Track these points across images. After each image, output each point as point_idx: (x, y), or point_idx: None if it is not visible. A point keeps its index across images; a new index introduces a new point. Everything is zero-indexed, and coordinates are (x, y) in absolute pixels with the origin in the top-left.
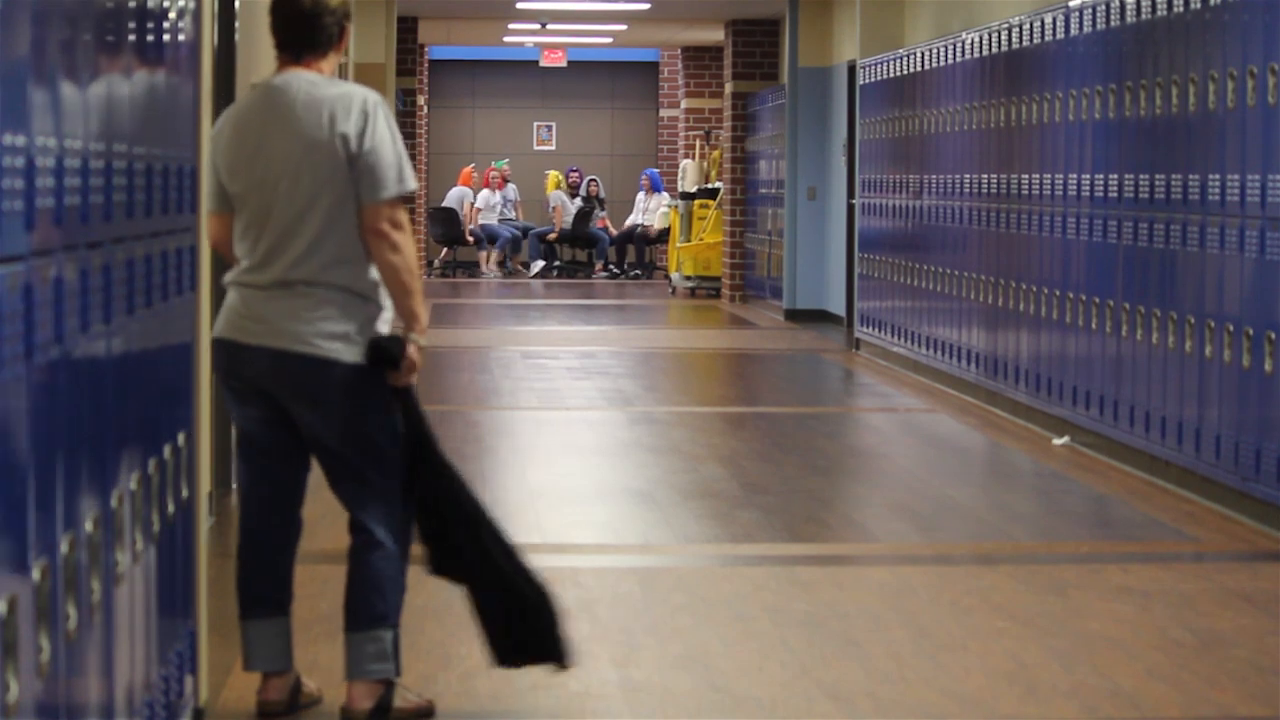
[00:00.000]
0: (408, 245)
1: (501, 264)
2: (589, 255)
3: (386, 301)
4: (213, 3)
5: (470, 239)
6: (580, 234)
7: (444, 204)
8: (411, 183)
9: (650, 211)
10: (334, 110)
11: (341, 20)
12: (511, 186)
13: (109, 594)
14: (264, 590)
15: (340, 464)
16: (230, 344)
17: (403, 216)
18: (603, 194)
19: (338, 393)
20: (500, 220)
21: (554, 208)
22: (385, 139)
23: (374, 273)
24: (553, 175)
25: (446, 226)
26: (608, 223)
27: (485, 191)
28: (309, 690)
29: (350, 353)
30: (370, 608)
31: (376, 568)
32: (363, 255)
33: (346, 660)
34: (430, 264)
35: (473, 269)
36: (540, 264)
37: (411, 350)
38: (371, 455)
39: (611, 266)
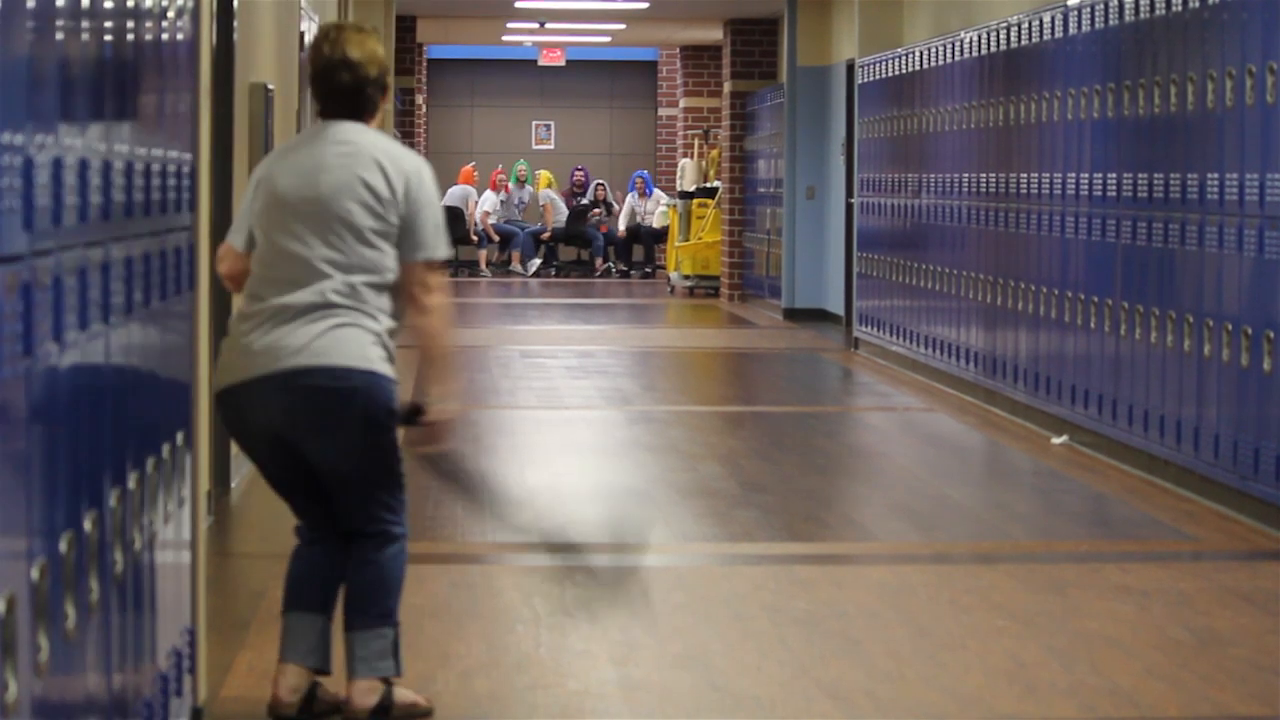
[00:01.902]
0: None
1: (505, 263)
2: (589, 254)
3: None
4: (211, 2)
5: (475, 238)
6: (575, 233)
7: (446, 203)
8: (446, 249)
9: (649, 214)
10: (382, 161)
11: (382, 84)
12: (528, 189)
13: (108, 593)
14: (311, 590)
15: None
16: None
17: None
18: (610, 198)
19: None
20: (506, 221)
21: (544, 206)
22: (432, 201)
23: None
24: (544, 175)
25: (451, 225)
26: (620, 220)
27: (490, 194)
28: (327, 699)
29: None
30: (378, 605)
31: (387, 566)
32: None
33: (350, 658)
34: None
35: (474, 268)
36: (537, 262)
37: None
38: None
39: (610, 265)
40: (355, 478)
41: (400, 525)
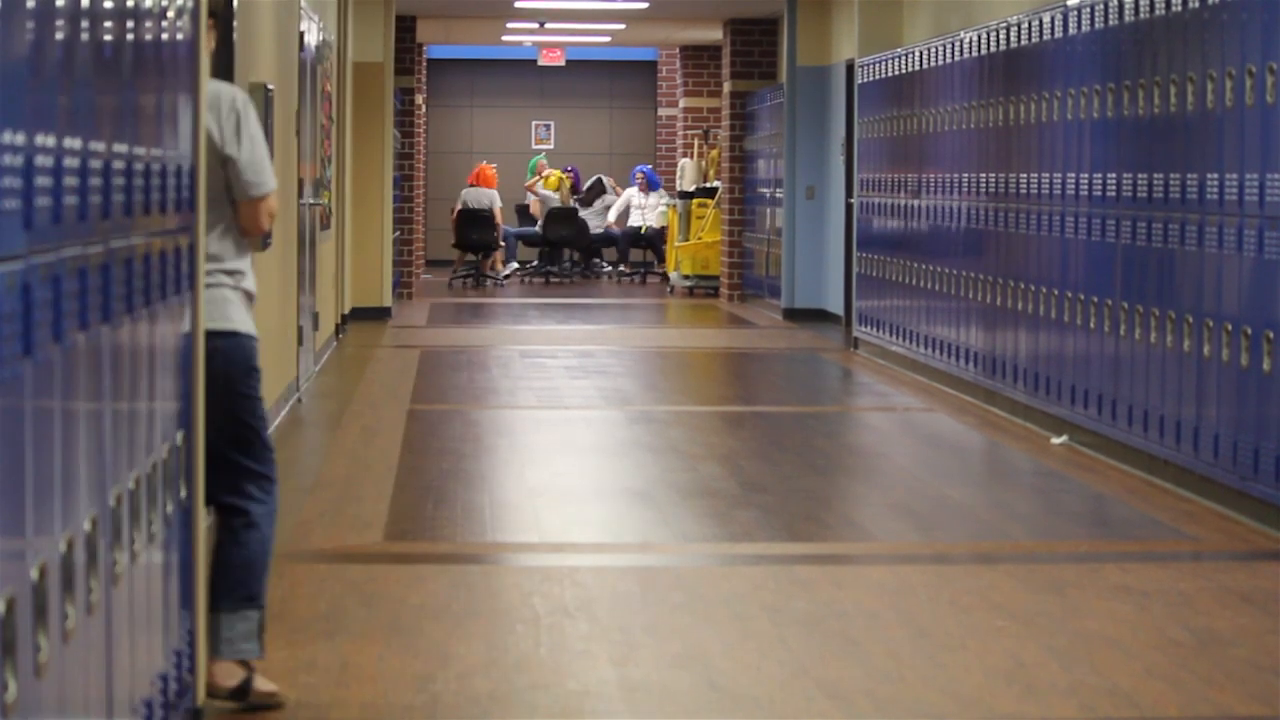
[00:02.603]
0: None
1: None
2: (580, 256)
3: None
4: (211, 3)
5: (503, 243)
6: (555, 236)
7: (472, 206)
8: (273, 181)
9: (651, 209)
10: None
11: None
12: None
13: (108, 593)
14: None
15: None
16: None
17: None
18: (612, 189)
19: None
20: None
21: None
22: (259, 137)
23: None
24: (554, 175)
25: (482, 228)
26: (611, 213)
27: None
28: (262, 690)
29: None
30: (244, 587)
31: (253, 548)
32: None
33: (215, 639)
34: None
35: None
36: (514, 266)
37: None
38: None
39: (610, 266)
40: (220, 439)
41: (262, 502)
